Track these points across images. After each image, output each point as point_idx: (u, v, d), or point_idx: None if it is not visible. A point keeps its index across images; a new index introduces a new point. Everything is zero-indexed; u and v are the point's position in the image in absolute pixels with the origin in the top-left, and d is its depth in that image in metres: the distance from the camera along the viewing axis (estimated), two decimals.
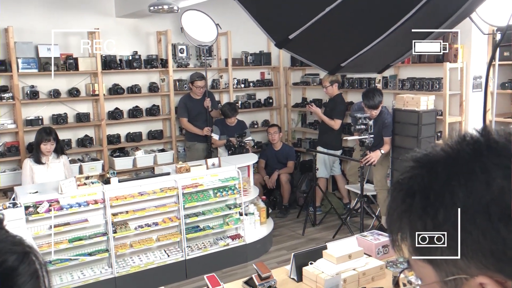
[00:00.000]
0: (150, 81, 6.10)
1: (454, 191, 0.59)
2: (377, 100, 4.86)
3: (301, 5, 1.32)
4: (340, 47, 1.49)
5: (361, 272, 2.55)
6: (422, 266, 0.64)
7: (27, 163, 4.52)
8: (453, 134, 0.65)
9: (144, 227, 4.24)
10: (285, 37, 1.35)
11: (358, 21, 1.48)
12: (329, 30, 1.41)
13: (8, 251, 0.58)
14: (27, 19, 5.28)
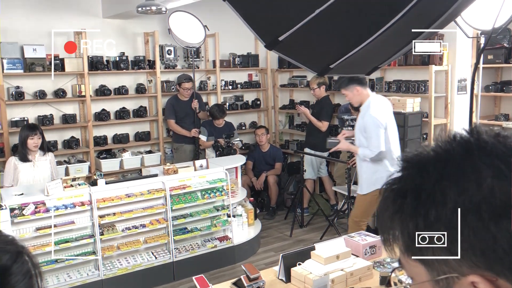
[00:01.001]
0: (137, 82, 6.07)
1: (445, 190, 0.60)
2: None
3: (291, 6, 1.33)
4: (329, 49, 1.51)
5: (348, 272, 2.57)
6: (414, 265, 0.65)
7: (12, 161, 4.38)
8: (443, 135, 0.66)
9: (131, 229, 4.21)
10: (275, 38, 1.36)
11: (347, 23, 1.50)
12: (319, 31, 1.42)
13: (1, 250, 0.58)
14: (12, 19, 5.22)
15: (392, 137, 3.92)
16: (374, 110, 3.84)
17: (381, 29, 1.56)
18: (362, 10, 1.49)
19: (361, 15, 1.55)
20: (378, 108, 3.86)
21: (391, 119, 3.96)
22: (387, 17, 1.57)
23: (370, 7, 1.51)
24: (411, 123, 4.78)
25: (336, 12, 1.49)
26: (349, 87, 3.90)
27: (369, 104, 3.88)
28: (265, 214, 6.11)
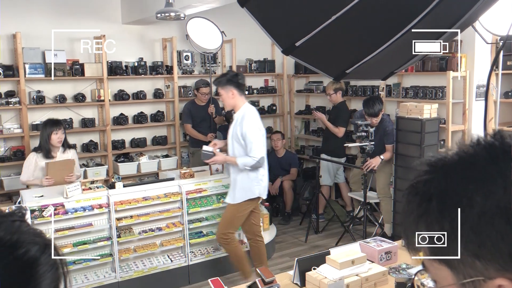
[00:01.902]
0: (155, 88, 6.15)
1: (471, 195, 0.60)
2: (377, 108, 4.92)
3: (308, 13, 1.36)
4: (346, 54, 1.52)
5: (364, 277, 2.56)
6: (439, 268, 0.65)
7: (33, 157, 4.33)
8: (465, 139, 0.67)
9: (148, 232, 4.26)
10: (292, 44, 1.38)
11: (364, 28, 1.52)
12: (335, 37, 1.44)
13: (31, 242, 0.61)
14: (34, 25, 5.35)
15: (263, 146, 3.90)
16: (253, 117, 3.85)
17: (397, 35, 1.57)
18: (378, 15, 1.51)
19: (377, 20, 1.56)
20: (254, 115, 3.88)
21: (263, 127, 3.98)
22: (404, 22, 1.58)
23: (386, 12, 1.53)
24: (428, 129, 4.75)
25: (353, 18, 1.51)
26: (226, 87, 3.81)
27: (245, 112, 3.84)
28: (280, 220, 6.12)
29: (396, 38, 1.57)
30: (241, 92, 3.85)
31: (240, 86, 3.84)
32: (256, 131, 3.78)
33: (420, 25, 1.62)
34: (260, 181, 3.93)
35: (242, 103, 3.86)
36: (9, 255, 0.58)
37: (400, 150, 4.95)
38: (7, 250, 0.58)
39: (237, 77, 3.83)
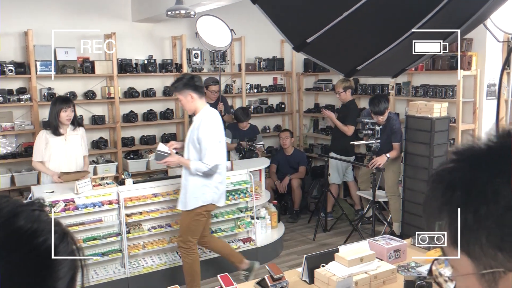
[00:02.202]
0: (165, 85, 6.18)
1: (497, 188, 0.60)
2: (382, 107, 4.93)
3: (319, 9, 1.36)
4: (357, 51, 1.53)
5: (372, 275, 2.56)
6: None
7: (43, 134, 4.25)
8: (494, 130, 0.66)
9: (157, 228, 4.29)
10: (303, 40, 1.39)
11: (375, 25, 1.52)
12: (346, 34, 1.45)
13: (50, 231, 0.63)
14: (45, 23, 5.39)
15: (222, 152, 3.79)
16: (210, 122, 3.67)
17: (407, 32, 1.57)
18: (390, 13, 1.51)
19: (388, 17, 1.56)
20: (213, 121, 3.71)
21: (223, 134, 3.86)
22: (415, 20, 1.58)
23: (398, 10, 1.53)
24: (438, 128, 4.72)
25: (364, 15, 1.51)
26: (183, 91, 3.64)
27: (204, 116, 3.67)
28: (288, 218, 6.12)
29: (408, 35, 1.57)
30: (200, 95, 3.68)
31: (198, 89, 3.67)
32: (212, 137, 3.62)
33: (431, 22, 1.62)
34: (214, 188, 3.75)
35: (202, 106, 3.70)
36: (29, 243, 0.60)
37: (409, 149, 4.93)
38: (27, 238, 0.60)
39: (193, 80, 3.67)
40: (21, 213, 0.62)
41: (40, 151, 4.24)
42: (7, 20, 5.20)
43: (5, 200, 0.63)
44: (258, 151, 5.83)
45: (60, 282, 0.63)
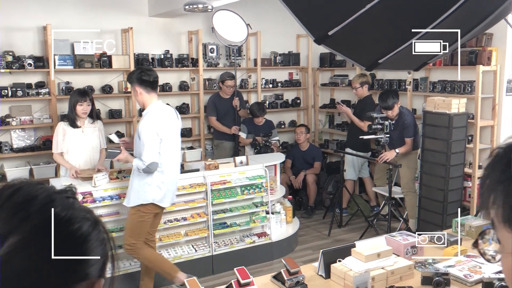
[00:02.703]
0: (181, 80, 6.21)
1: None
2: (390, 102, 4.96)
3: (342, 1, 1.35)
4: (378, 44, 1.51)
5: (389, 271, 2.55)
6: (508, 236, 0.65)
7: (60, 126, 4.29)
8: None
9: (173, 221, 4.32)
10: (325, 33, 1.38)
11: (397, 18, 1.51)
12: (368, 27, 1.43)
13: (84, 218, 0.64)
14: (64, 18, 5.45)
15: (169, 152, 3.63)
16: (153, 118, 3.53)
17: (431, 25, 1.55)
18: (413, 5, 1.50)
19: (411, 10, 1.55)
20: (157, 117, 3.55)
21: (173, 133, 3.68)
22: (438, 13, 1.56)
23: (421, 3, 1.51)
24: (456, 124, 4.67)
25: (387, 7, 1.50)
26: (132, 85, 3.59)
27: (149, 112, 3.57)
28: (303, 213, 6.12)
29: (430, 28, 1.55)
30: (148, 90, 3.55)
31: (144, 83, 3.53)
32: (152, 134, 3.48)
33: (453, 16, 1.60)
34: (156, 187, 3.60)
35: (150, 101, 3.58)
36: (64, 230, 0.61)
37: (427, 145, 4.89)
38: (63, 225, 0.61)
39: (140, 74, 3.54)
40: (56, 200, 0.63)
41: (58, 142, 4.29)
42: (27, 15, 5.27)
43: (41, 187, 0.64)
44: (273, 147, 5.84)
45: (92, 268, 0.64)
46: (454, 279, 2.50)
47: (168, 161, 3.64)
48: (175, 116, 3.75)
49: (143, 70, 3.63)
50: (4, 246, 0.57)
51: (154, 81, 3.61)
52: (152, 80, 3.58)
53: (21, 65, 5.03)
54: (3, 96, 4.98)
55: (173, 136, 3.68)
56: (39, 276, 0.57)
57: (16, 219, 0.58)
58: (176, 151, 3.75)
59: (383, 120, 4.94)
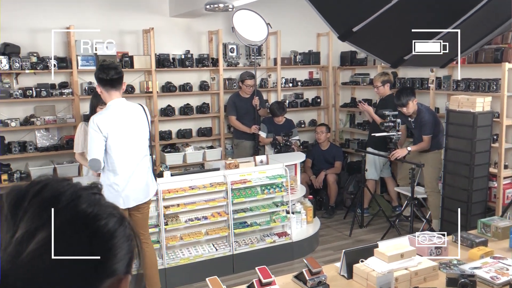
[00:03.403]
0: (201, 80, 6.23)
1: None
2: (404, 99, 4.99)
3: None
4: (404, 40, 1.49)
5: (413, 271, 2.51)
6: None
7: (81, 126, 4.30)
8: None
9: (194, 220, 4.34)
10: (349, 29, 1.36)
11: (423, 14, 1.47)
12: (394, 22, 1.41)
13: (110, 214, 0.64)
14: (86, 19, 5.52)
15: (122, 151, 3.43)
16: (99, 115, 3.40)
17: (458, 21, 1.52)
18: (439, 1, 1.46)
19: (437, 6, 1.52)
20: (106, 114, 3.38)
21: (129, 131, 3.46)
22: (465, 8, 1.52)
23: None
24: (481, 123, 4.58)
25: (412, 3, 1.47)
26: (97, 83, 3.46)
27: (105, 109, 3.46)
28: (324, 213, 6.08)
29: (457, 24, 1.52)
30: (107, 88, 3.38)
31: (102, 82, 3.38)
32: (92, 131, 3.34)
33: (480, 12, 1.56)
34: (109, 186, 3.42)
35: (109, 99, 3.43)
36: (92, 226, 0.61)
37: (451, 144, 4.80)
38: (90, 221, 0.61)
39: (98, 72, 3.41)
40: (82, 196, 0.63)
41: (79, 142, 4.32)
42: (50, 17, 5.36)
43: (67, 183, 0.64)
44: (293, 146, 5.81)
45: (119, 264, 0.64)
46: (481, 281, 2.45)
47: (121, 161, 3.44)
48: (138, 114, 3.54)
49: (102, 68, 3.43)
50: (33, 242, 0.57)
51: (112, 79, 3.37)
52: (108, 78, 3.35)
53: (45, 66, 5.11)
54: (28, 97, 5.08)
55: (129, 134, 3.47)
56: (67, 273, 0.57)
57: (44, 215, 0.58)
58: (133, 150, 3.50)
59: (395, 117, 5.07)
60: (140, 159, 3.55)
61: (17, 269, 0.56)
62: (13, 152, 5.13)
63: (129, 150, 3.47)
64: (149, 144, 3.66)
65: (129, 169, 3.48)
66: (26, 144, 5.23)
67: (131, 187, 3.50)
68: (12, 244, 0.57)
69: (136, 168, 3.52)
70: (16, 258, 0.56)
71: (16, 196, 0.61)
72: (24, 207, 0.59)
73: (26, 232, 0.57)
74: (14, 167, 5.29)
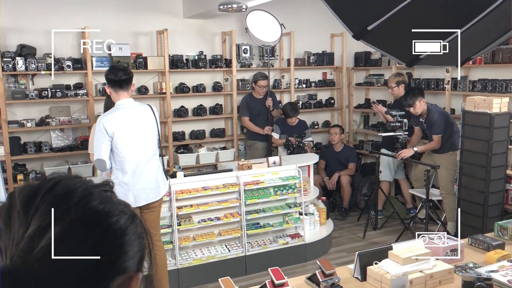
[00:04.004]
0: (214, 81, 6.24)
1: None
2: (410, 100, 4.99)
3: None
4: (419, 39, 1.46)
5: (428, 274, 2.47)
6: None
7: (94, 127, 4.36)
8: None
9: (206, 221, 4.34)
10: (364, 28, 1.34)
11: (438, 12, 1.45)
12: (409, 21, 1.39)
13: (121, 211, 0.64)
14: (101, 20, 5.57)
15: (129, 150, 3.44)
16: (106, 115, 3.45)
17: (474, 19, 1.49)
18: None
19: (453, 4, 1.49)
20: (113, 114, 3.42)
21: (135, 131, 3.46)
22: (481, 6, 1.50)
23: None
24: (498, 124, 4.50)
25: (426, 1, 1.45)
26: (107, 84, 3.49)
27: (112, 109, 3.49)
28: (337, 215, 6.04)
29: (474, 22, 1.49)
30: (115, 89, 3.43)
31: (111, 82, 3.43)
32: (98, 131, 3.41)
33: (497, 10, 1.53)
34: (118, 185, 3.36)
35: (116, 99, 3.48)
36: (103, 223, 0.61)
37: (467, 145, 4.73)
38: (102, 218, 0.61)
39: (107, 73, 3.46)
40: (94, 194, 0.63)
41: (93, 143, 4.35)
42: (66, 18, 5.42)
43: (79, 180, 0.64)
44: (307, 147, 5.78)
45: (130, 262, 0.63)
46: (497, 285, 2.40)
47: (129, 160, 3.45)
48: (145, 113, 3.56)
49: (111, 69, 3.51)
50: (45, 238, 0.57)
51: (120, 80, 3.41)
52: (117, 79, 3.40)
53: (60, 67, 5.17)
54: (43, 97, 5.13)
55: (136, 133, 3.48)
56: (78, 269, 0.57)
57: (56, 211, 0.58)
58: (141, 149, 3.51)
59: (402, 117, 5.11)
60: (148, 158, 3.55)
61: (29, 265, 0.56)
62: (28, 153, 5.20)
63: (136, 149, 3.48)
64: (158, 143, 3.66)
65: (137, 168, 3.49)
66: (41, 144, 5.29)
67: (140, 186, 3.51)
68: (24, 239, 0.57)
69: (145, 167, 3.53)
70: (28, 253, 0.56)
71: (29, 192, 0.61)
72: (37, 203, 0.59)
73: (38, 228, 0.57)
74: (30, 167, 5.35)
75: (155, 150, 3.61)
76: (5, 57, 4.98)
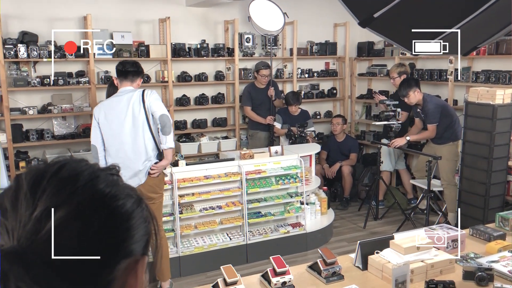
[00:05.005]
0: (217, 70, 6.22)
1: None
2: (404, 90, 5.04)
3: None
4: (426, 27, 1.45)
5: (429, 264, 2.48)
6: None
7: None
8: None
9: (208, 209, 4.35)
10: (370, 15, 1.33)
11: (446, 0, 1.44)
12: (415, 9, 1.37)
13: (128, 195, 0.63)
14: (103, 9, 5.54)
15: (113, 135, 3.53)
16: (102, 104, 3.67)
17: (481, 7, 1.48)
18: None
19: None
20: (104, 101, 3.71)
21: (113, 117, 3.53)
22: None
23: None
24: (501, 115, 4.49)
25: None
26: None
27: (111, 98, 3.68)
28: (338, 205, 6.05)
29: (481, 11, 1.48)
30: (121, 79, 3.60)
31: (118, 73, 3.63)
32: (93, 118, 3.62)
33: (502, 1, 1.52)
34: None
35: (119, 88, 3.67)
36: (110, 206, 0.61)
37: (469, 137, 4.72)
38: (108, 201, 0.61)
39: (117, 65, 3.68)
40: (101, 177, 0.62)
41: None
42: (68, 6, 5.39)
43: (85, 163, 0.64)
44: (309, 137, 5.78)
45: (137, 245, 0.63)
46: (498, 275, 2.41)
47: (112, 144, 3.56)
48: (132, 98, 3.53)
49: (122, 62, 3.71)
50: (51, 220, 0.56)
51: (126, 71, 3.59)
52: (123, 69, 3.59)
53: (62, 55, 5.15)
54: (45, 85, 5.12)
55: (116, 120, 3.54)
56: (85, 252, 0.57)
57: (62, 194, 0.58)
58: (124, 133, 3.53)
59: (395, 107, 5.17)
60: (132, 141, 3.54)
61: (35, 246, 0.56)
62: (30, 140, 5.20)
63: (116, 135, 3.53)
64: (148, 126, 3.56)
65: (120, 153, 3.52)
66: (43, 132, 5.29)
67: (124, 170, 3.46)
68: (31, 221, 0.57)
69: (126, 152, 3.53)
70: (35, 235, 0.56)
71: (35, 175, 0.61)
72: (43, 185, 0.59)
73: (45, 210, 0.57)
74: (32, 154, 5.36)
75: (141, 133, 3.53)
76: (7, 44, 4.96)
